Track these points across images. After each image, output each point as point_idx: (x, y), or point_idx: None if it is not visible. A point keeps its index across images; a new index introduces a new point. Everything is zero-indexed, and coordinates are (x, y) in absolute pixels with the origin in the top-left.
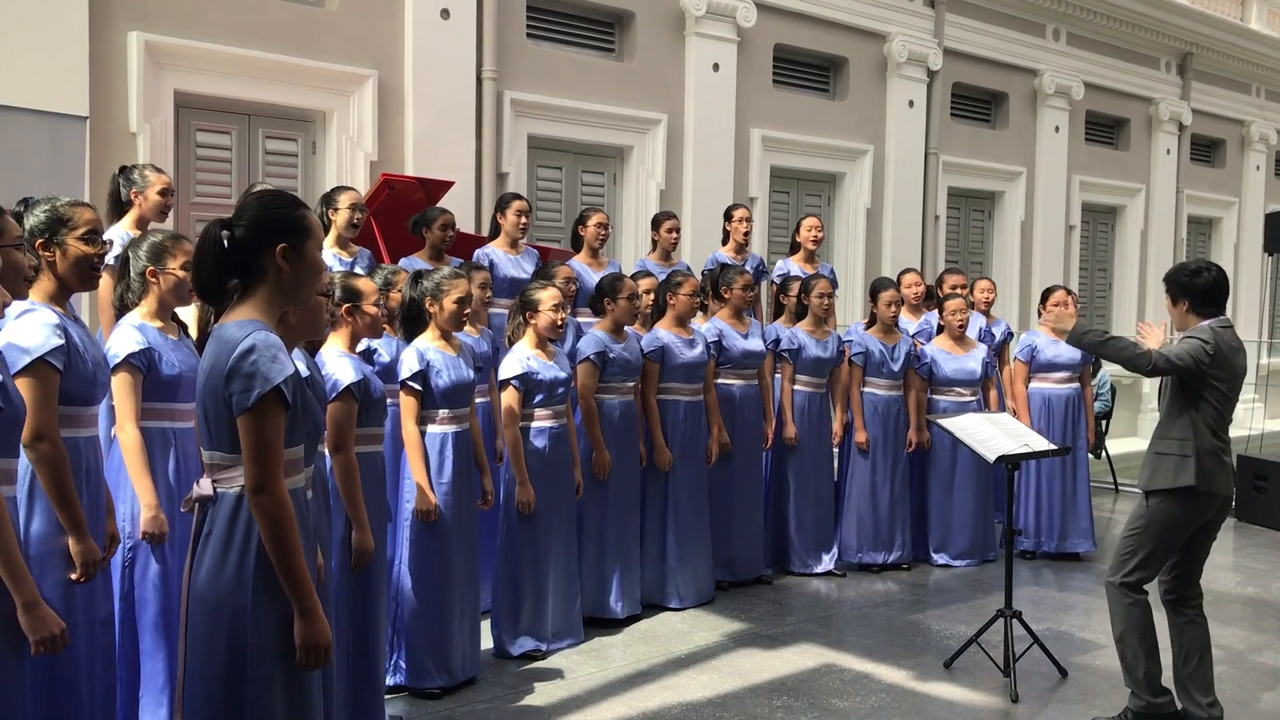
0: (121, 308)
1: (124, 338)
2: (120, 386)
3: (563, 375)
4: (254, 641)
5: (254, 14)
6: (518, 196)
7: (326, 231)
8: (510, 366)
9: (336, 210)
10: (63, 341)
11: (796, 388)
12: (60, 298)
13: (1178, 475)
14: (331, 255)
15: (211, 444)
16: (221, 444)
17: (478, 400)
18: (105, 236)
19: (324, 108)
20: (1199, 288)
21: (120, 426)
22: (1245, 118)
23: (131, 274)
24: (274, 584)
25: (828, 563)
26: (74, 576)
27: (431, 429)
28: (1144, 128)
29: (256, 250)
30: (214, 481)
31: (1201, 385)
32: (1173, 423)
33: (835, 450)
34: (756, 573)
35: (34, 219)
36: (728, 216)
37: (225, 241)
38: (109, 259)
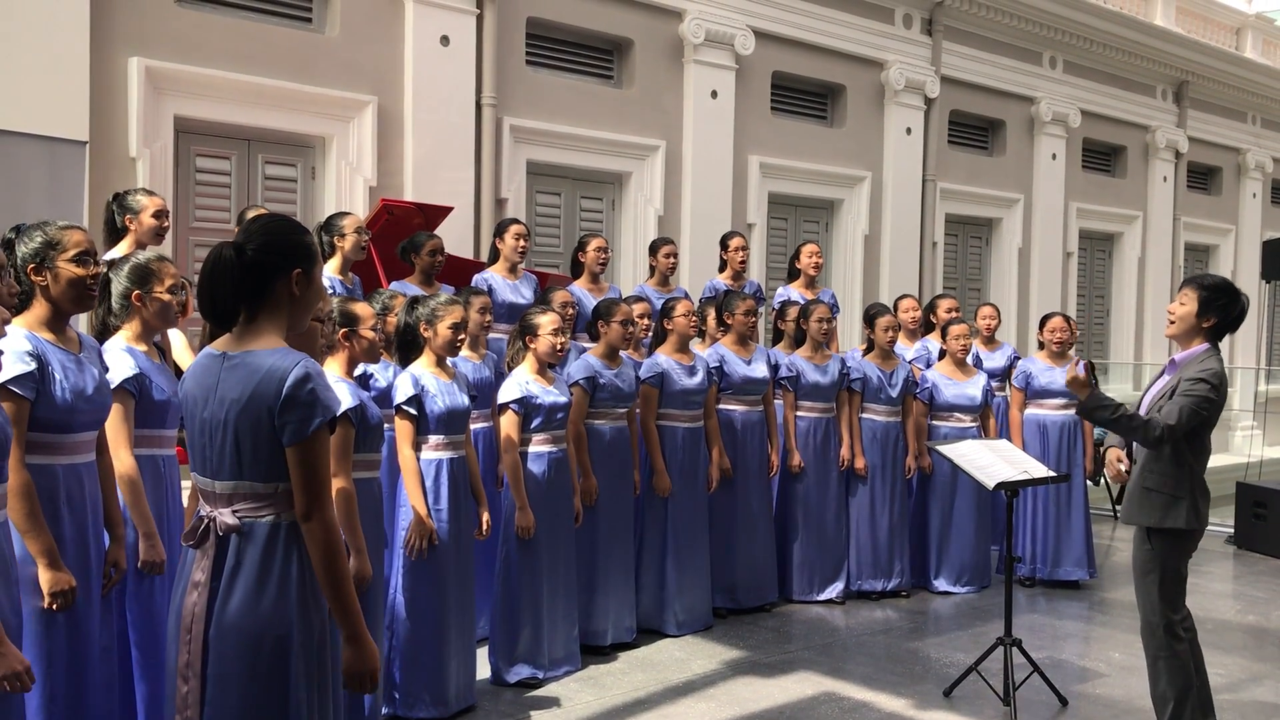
0: (103, 330)
1: (116, 363)
2: (113, 413)
3: (562, 400)
4: (300, 667)
5: (254, 40)
6: (516, 221)
7: (328, 258)
8: (509, 391)
9: (343, 236)
10: (32, 368)
11: (799, 414)
12: (55, 323)
13: (1166, 516)
14: (336, 282)
15: (240, 474)
16: (256, 474)
17: (480, 425)
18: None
19: (324, 133)
20: (1234, 315)
21: (114, 453)
22: (1241, 145)
23: (113, 296)
24: (309, 610)
25: (832, 591)
26: (44, 605)
27: (426, 454)
28: (1141, 155)
29: (271, 275)
30: (236, 512)
31: (1206, 426)
32: (1168, 459)
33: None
34: (760, 600)
35: (26, 245)
36: (724, 244)
37: (239, 264)
38: None
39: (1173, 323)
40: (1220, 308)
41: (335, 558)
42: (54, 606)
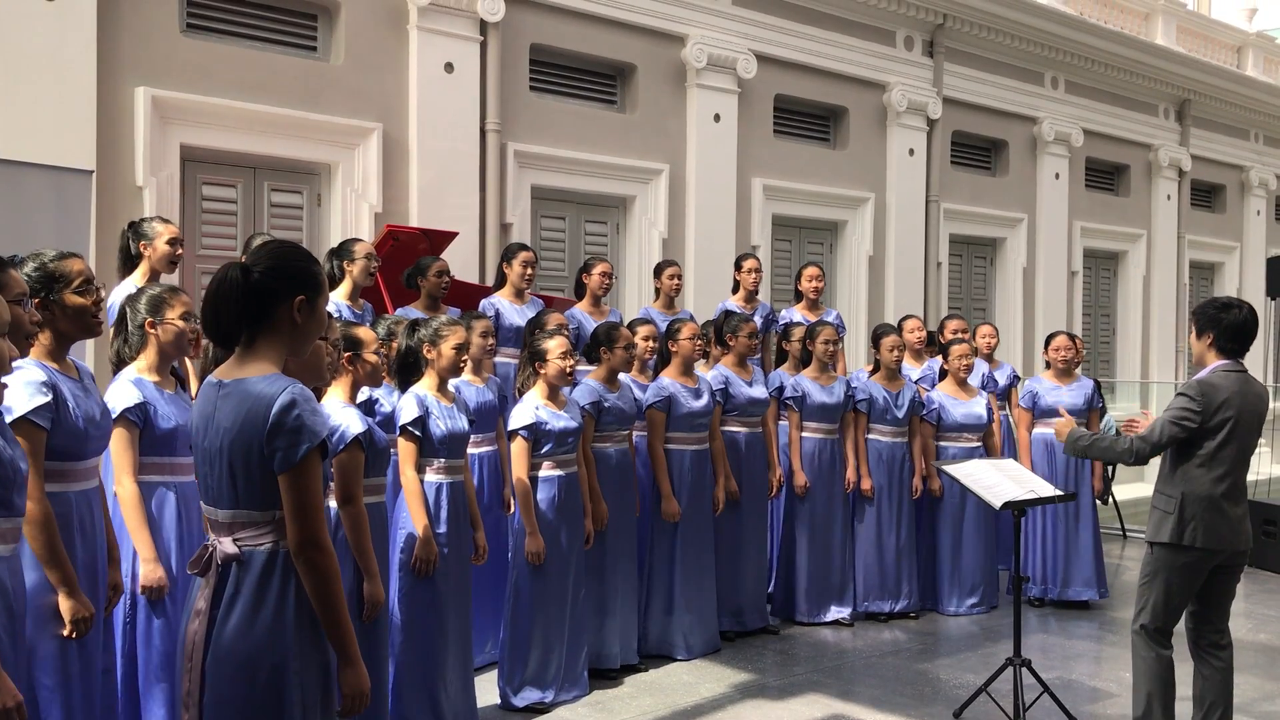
0: (119, 362)
1: (120, 392)
2: (116, 442)
3: (572, 425)
4: (297, 696)
5: (260, 69)
6: (524, 247)
7: (338, 284)
8: (519, 417)
9: (353, 261)
10: (48, 399)
11: (805, 434)
12: (58, 352)
13: (1158, 530)
14: (345, 308)
15: (238, 502)
16: (252, 502)
17: (485, 449)
18: (116, 290)
19: (329, 160)
20: (1226, 323)
21: (117, 481)
22: (1244, 163)
23: (130, 328)
24: (310, 637)
25: (838, 613)
26: (64, 633)
27: (427, 478)
28: (1144, 174)
29: (274, 300)
30: (236, 540)
31: (1201, 438)
32: (1166, 476)
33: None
34: (763, 622)
35: (26, 278)
36: (738, 266)
37: (246, 285)
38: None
39: (1192, 358)
40: (1209, 319)
41: (332, 585)
42: (73, 635)
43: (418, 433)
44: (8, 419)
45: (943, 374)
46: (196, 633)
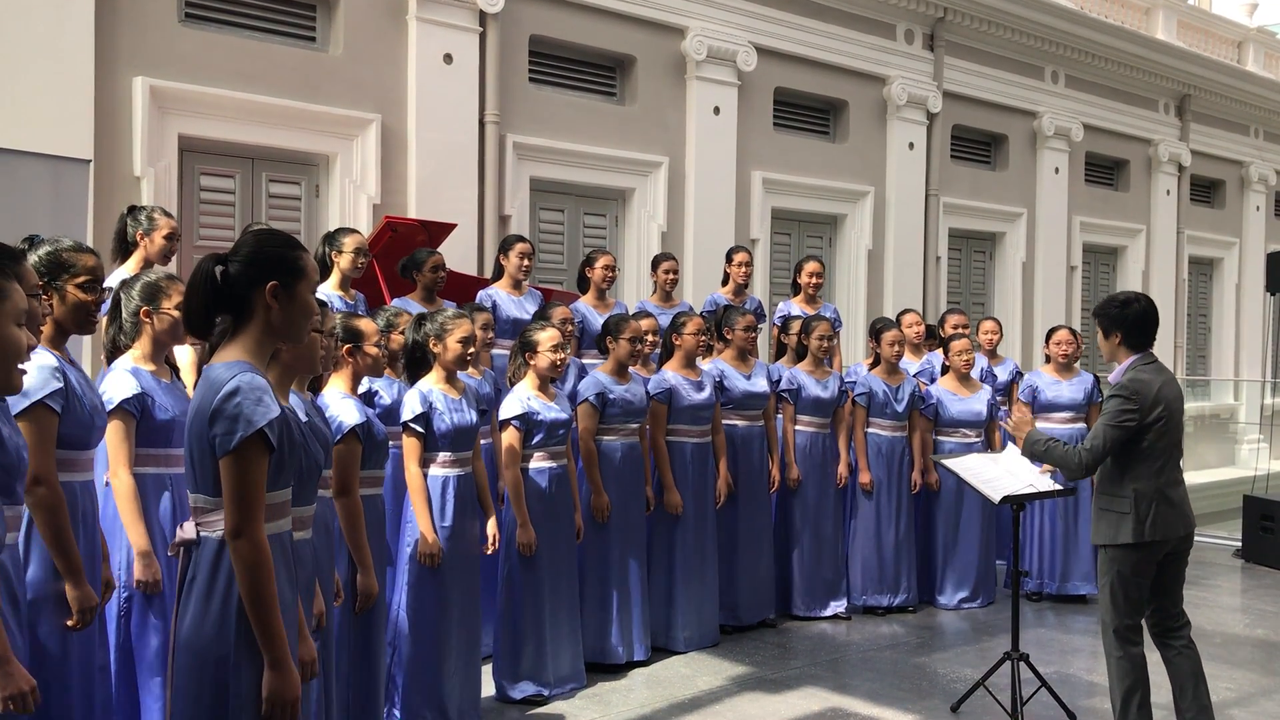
0: (113, 349)
1: (118, 383)
2: (114, 432)
3: (563, 416)
4: (236, 691)
5: (258, 59)
6: (521, 239)
7: (328, 271)
8: (510, 407)
9: (341, 253)
10: (61, 384)
11: (798, 428)
12: (58, 340)
13: (1118, 532)
14: (335, 298)
15: (197, 486)
16: (206, 487)
17: (480, 442)
18: (107, 282)
19: (327, 151)
20: (1130, 318)
21: (113, 473)
22: (1244, 158)
23: (124, 315)
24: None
25: (835, 607)
26: (70, 623)
27: (433, 471)
28: (1144, 169)
29: (247, 287)
30: (198, 525)
31: (1141, 435)
32: (1110, 477)
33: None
34: (761, 616)
35: (35, 261)
36: (728, 259)
37: (218, 277)
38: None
39: (1103, 358)
40: (1113, 319)
41: (260, 578)
42: (78, 625)
43: (420, 429)
44: (24, 403)
45: (945, 369)
46: (173, 618)
